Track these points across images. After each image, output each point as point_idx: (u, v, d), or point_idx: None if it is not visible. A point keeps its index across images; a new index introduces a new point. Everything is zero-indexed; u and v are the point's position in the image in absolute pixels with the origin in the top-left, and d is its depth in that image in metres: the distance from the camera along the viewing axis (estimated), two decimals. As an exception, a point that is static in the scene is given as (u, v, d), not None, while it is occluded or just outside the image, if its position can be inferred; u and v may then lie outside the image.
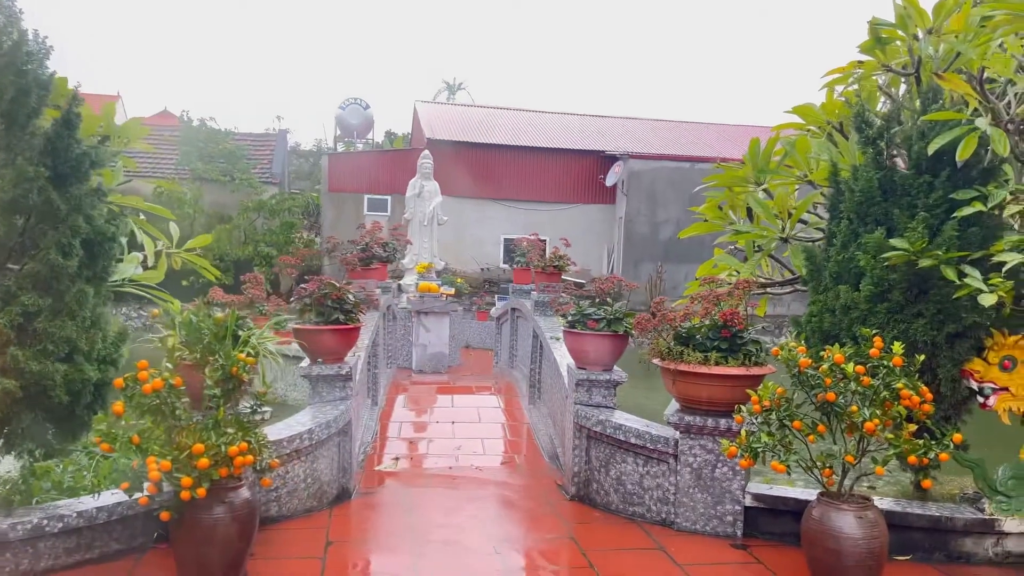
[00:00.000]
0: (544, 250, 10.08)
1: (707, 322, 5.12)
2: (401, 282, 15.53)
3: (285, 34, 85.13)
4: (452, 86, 50.06)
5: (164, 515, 3.83)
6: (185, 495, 3.65)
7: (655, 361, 5.20)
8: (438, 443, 7.29)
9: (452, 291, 14.28)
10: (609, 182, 25.02)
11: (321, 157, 26.64)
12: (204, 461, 3.67)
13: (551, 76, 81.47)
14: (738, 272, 6.49)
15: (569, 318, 5.85)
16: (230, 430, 3.88)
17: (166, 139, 24.65)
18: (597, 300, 5.93)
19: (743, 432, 4.35)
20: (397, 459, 6.73)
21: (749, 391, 4.38)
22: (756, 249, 6.46)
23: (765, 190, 6.41)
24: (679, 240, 24.50)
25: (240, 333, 4.68)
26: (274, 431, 5.04)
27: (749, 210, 6.74)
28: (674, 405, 5.27)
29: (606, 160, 25.50)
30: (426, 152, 15.73)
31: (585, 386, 5.79)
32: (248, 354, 4.41)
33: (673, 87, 78.68)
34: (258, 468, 4.02)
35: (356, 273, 8.73)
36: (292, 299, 5.71)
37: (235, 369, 4.07)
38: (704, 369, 4.90)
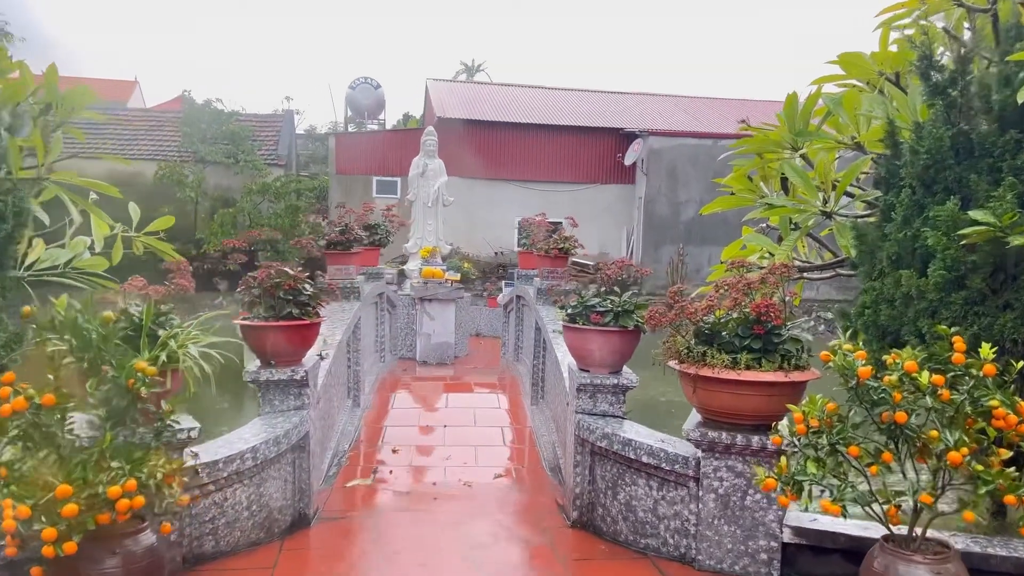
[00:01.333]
0: (556, 232, 9.13)
1: (735, 315, 4.17)
2: (405, 267, 14.65)
3: (300, 17, 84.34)
4: (471, 68, 49.02)
5: (35, 572, 2.97)
6: (47, 551, 2.78)
7: (672, 364, 4.25)
8: (425, 451, 6.41)
9: (457, 277, 13.38)
10: (628, 161, 23.91)
11: (328, 138, 25.76)
12: (71, 508, 2.80)
13: (572, 57, 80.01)
14: (771, 254, 5.52)
15: (569, 310, 4.91)
16: (115, 463, 3.00)
17: (169, 121, 23.96)
18: (603, 289, 4.98)
19: (783, 458, 3.41)
20: (375, 471, 5.86)
21: (791, 407, 3.43)
22: (792, 227, 5.48)
23: (803, 156, 5.42)
24: (702, 221, 23.44)
25: (160, 333, 3.81)
26: (210, 450, 4.17)
27: (784, 181, 5.76)
28: (695, 417, 4.33)
29: (625, 138, 24.38)
30: (430, 129, 14.78)
31: (588, 391, 4.86)
32: (163, 361, 3.54)
33: (696, 64, 76.94)
34: (158, 510, 3.15)
35: (335, 258, 7.83)
36: (239, 289, 4.84)
37: (131, 382, 3.19)
38: (732, 375, 3.95)
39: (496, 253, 23.59)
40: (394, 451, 6.36)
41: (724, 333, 4.14)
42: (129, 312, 3.88)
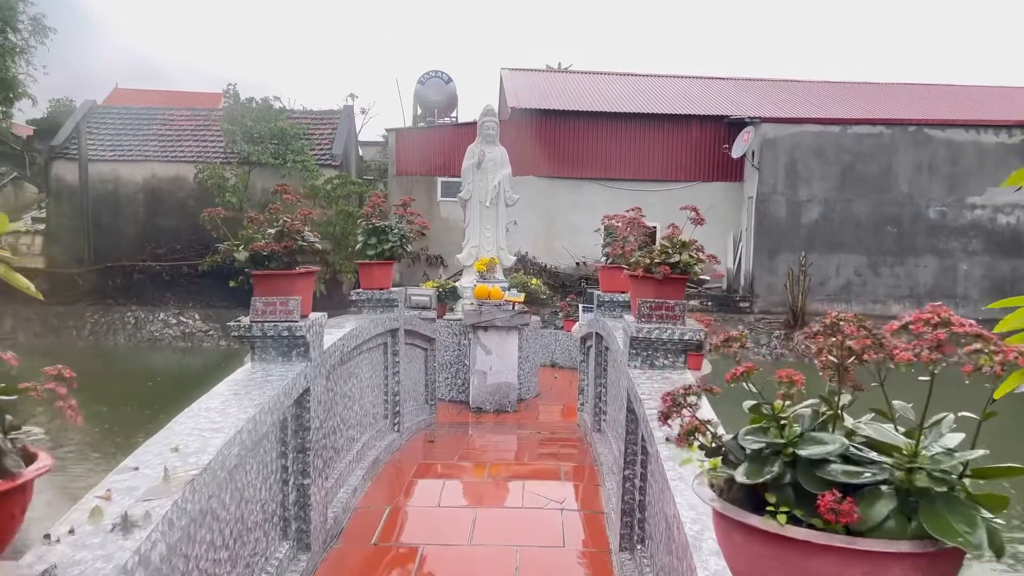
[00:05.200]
0: (654, 237, 5.83)
1: None
2: (458, 284, 11.58)
3: (379, 17, 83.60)
4: (557, 70, 45.99)
5: None
6: None
7: None
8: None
9: (521, 297, 10.19)
10: (736, 153, 20.16)
11: (388, 135, 23.02)
12: None
13: (668, 59, 76.13)
14: None
15: (746, 472, 1.55)
16: None
17: (216, 120, 21.74)
18: (827, 409, 1.63)
19: None
20: None
21: None
22: None
23: None
24: (829, 223, 19.36)
25: None
26: None
27: None
28: None
29: (730, 128, 20.68)
30: (489, 107, 11.67)
31: None
32: None
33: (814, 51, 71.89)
34: None
35: (265, 284, 4.46)
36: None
37: None
38: None
39: (578, 263, 20.29)
40: None
41: None
42: None
